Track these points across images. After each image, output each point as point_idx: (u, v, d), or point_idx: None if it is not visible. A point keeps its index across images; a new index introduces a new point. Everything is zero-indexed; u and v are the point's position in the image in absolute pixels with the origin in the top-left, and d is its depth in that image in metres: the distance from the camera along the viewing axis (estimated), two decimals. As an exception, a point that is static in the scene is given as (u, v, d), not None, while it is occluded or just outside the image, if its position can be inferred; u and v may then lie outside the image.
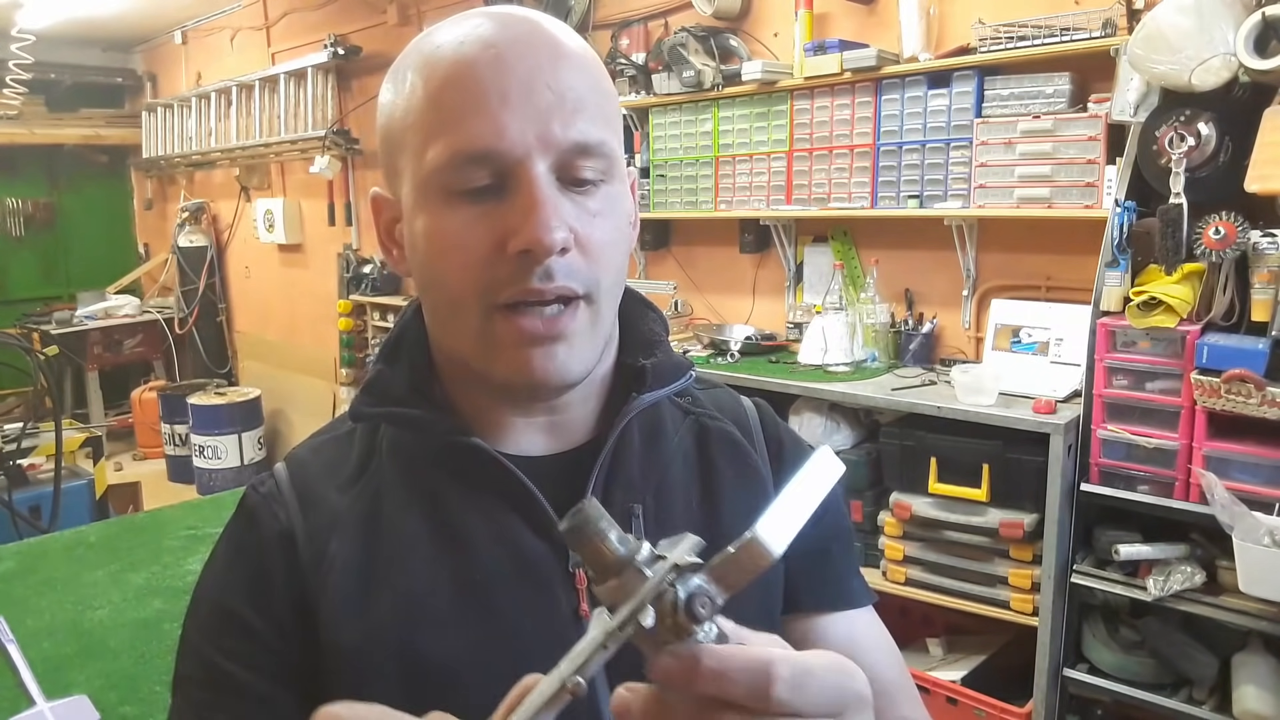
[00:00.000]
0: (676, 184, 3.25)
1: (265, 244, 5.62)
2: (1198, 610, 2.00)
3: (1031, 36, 2.40)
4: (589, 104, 0.62)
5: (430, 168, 0.61)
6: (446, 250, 0.62)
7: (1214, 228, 1.94)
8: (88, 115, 6.48)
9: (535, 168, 0.59)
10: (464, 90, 0.60)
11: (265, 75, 5.16)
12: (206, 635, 0.67)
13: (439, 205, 0.62)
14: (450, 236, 0.62)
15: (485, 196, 0.61)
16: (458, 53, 0.61)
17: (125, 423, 6.06)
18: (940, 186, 2.65)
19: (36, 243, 6.53)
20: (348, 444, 0.72)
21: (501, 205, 0.60)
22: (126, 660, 1.64)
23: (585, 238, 0.62)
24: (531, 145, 0.59)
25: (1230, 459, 1.96)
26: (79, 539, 2.23)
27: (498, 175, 0.60)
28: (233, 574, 0.69)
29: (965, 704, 2.32)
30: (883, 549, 2.52)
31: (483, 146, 0.59)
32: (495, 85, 0.59)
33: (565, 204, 0.61)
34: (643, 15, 3.43)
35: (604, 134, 0.63)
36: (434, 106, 0.61)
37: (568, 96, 0.61)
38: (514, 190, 0.60)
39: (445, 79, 0.61)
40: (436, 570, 0.65)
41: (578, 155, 0.61)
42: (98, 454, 3.62)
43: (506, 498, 0.67)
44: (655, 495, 0.70)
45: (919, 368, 2.74)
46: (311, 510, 0.68)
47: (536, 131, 0.59)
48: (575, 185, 0.62)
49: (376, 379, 0.71)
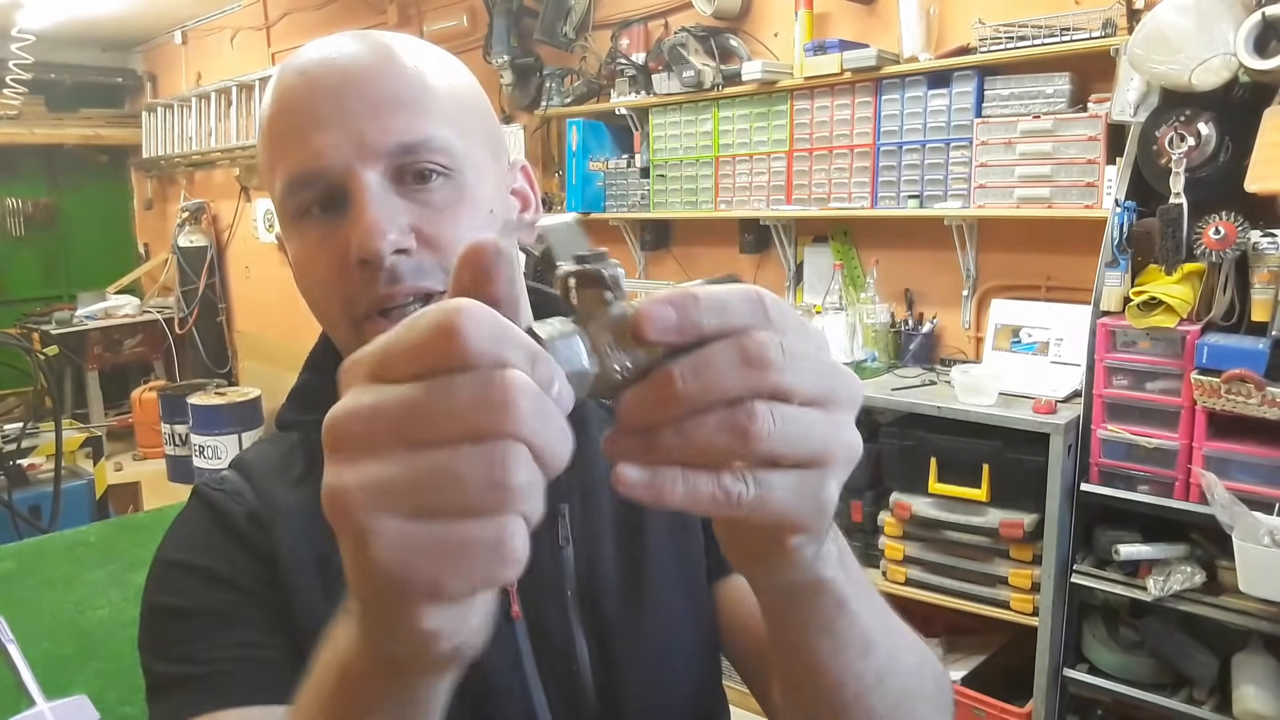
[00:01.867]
0: (676, 184, 3.25)
1: (265, 244, 5.62)
2: (1198, 610, 2.00)
3: (1031, 36, 2.40)
4: (408, 103, 0.62)
5: (279, 198, 0.64)
6: (306, 273, 0.65)
7: (1214, 228, 1.94)
8: (88, 115, 6.48)
9: (362, 178, 0.61)
10: (284, 119, 0.63)
11: (265, 75, 5.15)
12: (170, 590, 0.68)
13: (292, 230, 0.65)
14: (305, 258, 0.64)
15: (328, 215, 0.63)
16: (281, 81, 0.64)
17: (125, 423, 6.06)
18: (940, 186, 2.65)
19: (36, 243, 6.53)
20: (290, 453, 0.73)
21: (341, 221, 0.62)
22: (126, 660, 1.62)
23: (431, 234, 0.62)
24: (350, 157, 0.61)
25: (1230, 459, 1.96)
26: (79, 539, 2.22)
27: (329, 193, 0.62)
28: (199, 541, 0.69)
29: (965, 704, 2.32)
30: (883, 549, 2.52)
31: (306, 169, 0.61)
32: (307, 109, 0.62)
33: (402, 205, 0.62)
34: (643, 15, 3.43)
35: (434, 129, 0.63)
36: (268, 144, 0.65)
37: (382, 102, 0.62)
38: (347, 204, 0.61)
39: (272, 118, 0.64)
40: None
41: (404, 154, 0.62)
42: (98, 454, 3.62)
43: None
44: (581, 495, 0.71)
45: (919, 368, 2.74)
46: (268, 505, 0.70)
47: (352, 143, 0.61)
48: (417, 183, 0.63)
49: (300, 389, 0.74)
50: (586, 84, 3.50)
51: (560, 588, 0.69)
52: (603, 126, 3.55)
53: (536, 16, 3.57)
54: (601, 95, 3.50)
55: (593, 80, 3.51)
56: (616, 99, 3.37)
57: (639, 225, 3.54)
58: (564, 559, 0.70)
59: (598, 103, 3.48)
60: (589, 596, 0.70)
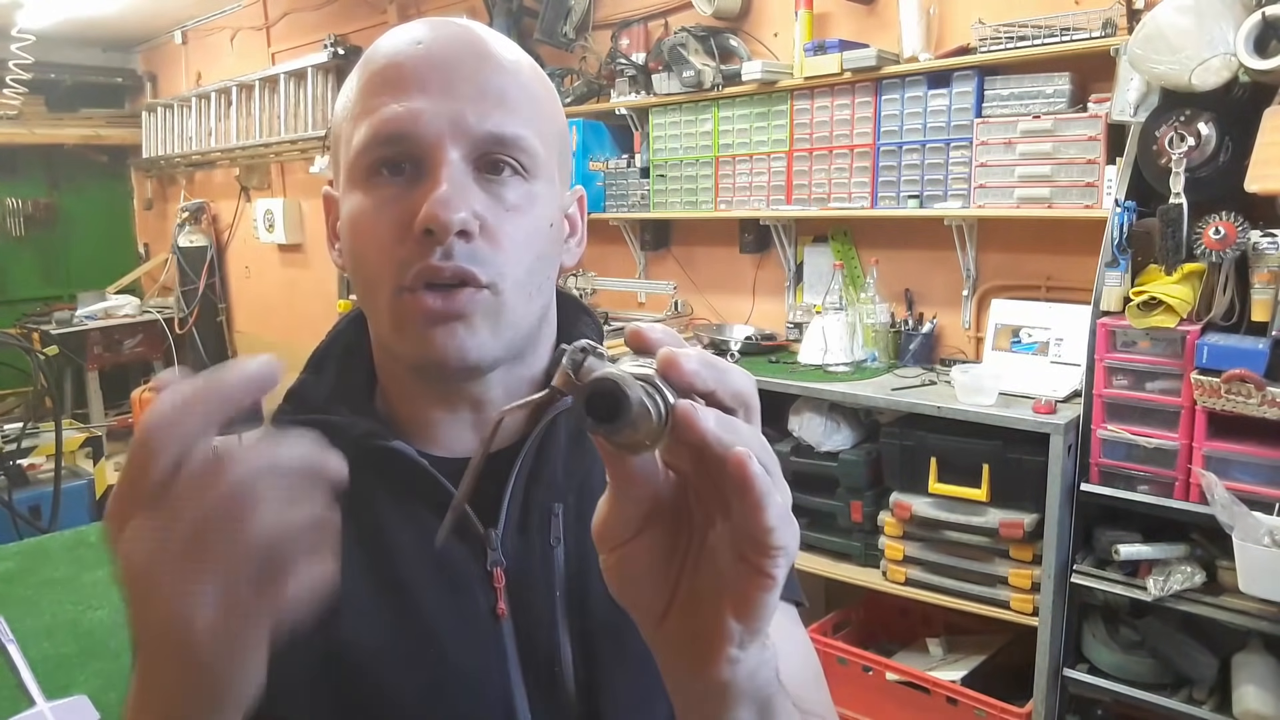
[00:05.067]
0: (676, 184, 3.25)
1: (265, 244, 5.62)
2: (1198, 610, 2.00)
3: (1031, 36, 2.40)
4: (510, 101, 0.64)
5: (354, 151, 0.64)
6: (363, 231, 0.65)
7: (1214, 228, 1.94)
8: (88, 115, 6.48)
9: (447, 152, 0.62)
10: (388, 80, 0.64)
11: (265, 75, 5.15)
12: None
13: (359, 187, 0.65)
14: (366, 217, 0.64)
15: (400, 180, 0.63)
16: (390, 49, 0.66)
17: (125, 423, 6.05)
18: (940, 186, 2.65)
19: (36, 243, 6.52)
20: None
21: (413, 188, 0.63)
22: (126, 660, 1.62)
23: (493, 228, 0.63)
24: (444, 131, 0.62)
25: (1230, 459, 1.96)
26: (79, 539, 2.22)
27: (412, 159, 0.63)
28: None
29: (965, 704, 2.32)
30: (883, 549, 2.52)
31: (397, 129, 0.62)
32: (416, 76, 0.63)
33: (476, 191, 0.63)
34: (643, 15, 3.43)
35: (523, 130, 0.64)
36: (362, 96, 0.65)
37: (488, 91, 0.64)
38: (425, 174, 0.62)
39: (375, 72, 0.65)
40: (359, 569, 0.66)
41: (492, 145, 0.63)
42: (98, 454, 3.62)
43: (427, 499, 0.68)
44: (578, 494, 0.71)
45: (919, 368, 2.74)
46: None
47: (451, 118, 0.62)
48: (491, 175, 0.64)
49: (297, 388, 0.74)
50: (586, 84, 3.50)
51: (550, 587, 0.69)
52: (603, 126, 3.55)
53: (536, 16, 3.57)
54: (601, 95, 3.50)
55: (593, 80, 3.51)
56: (616, 99, 3.37)
57: (639, 225, 3.54)
58: (554, 558, 0.70)
59: (598, 103, 3.48)
60: (577, 597, 0.69)
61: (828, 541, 2.67)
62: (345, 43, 4.65)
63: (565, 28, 3.51)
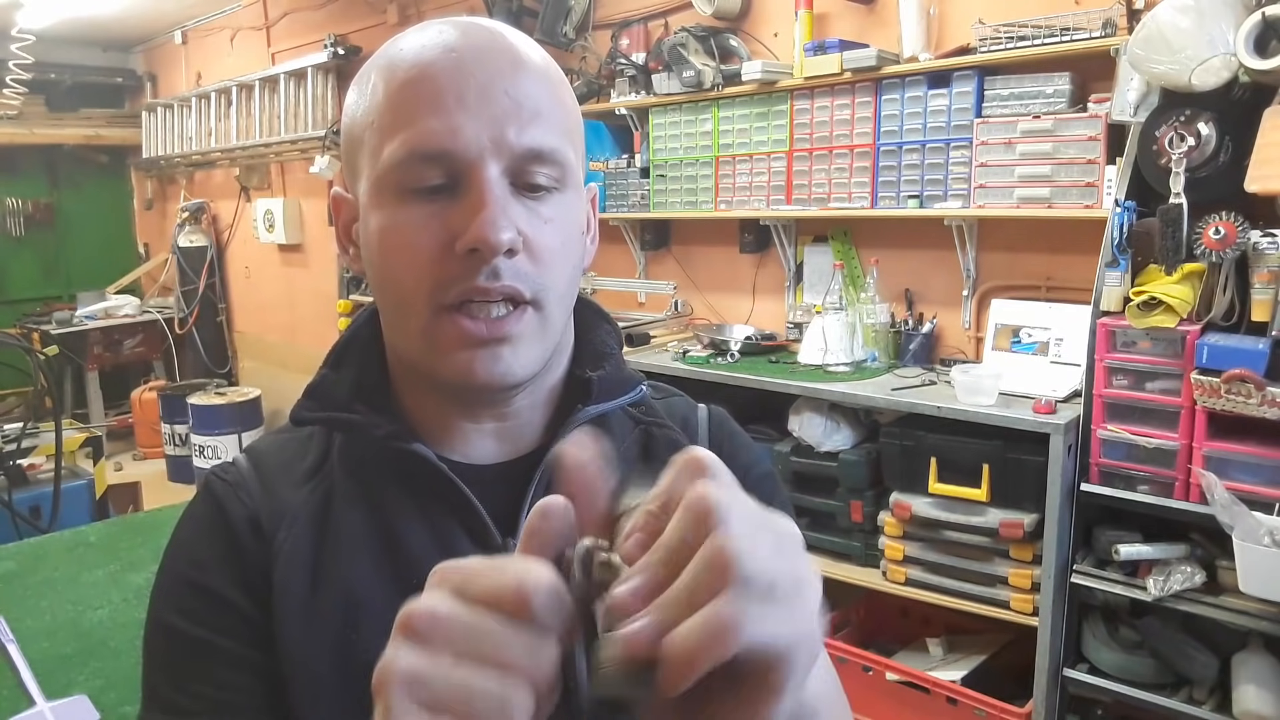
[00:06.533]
0: (676, 184, 3.25)
1: (265, 244, 5.62)
2: (1198, 610, 2.00)
3: (1031, 36, 2.40)
4: (545, 113, 0.63)
5: (386, 165, 0.62)
6: (397, 248, 0.63)
7: (1214, 228, 1.94)
8: (88, 115, 6.48)
9: (488, 170, 0.61)
10: (422, 91, 0.61)
11: (265, 75, 5.16)
12: (179, 610, 0.67)
13: (392, 203, 0.63)
14: (402, 234, 0.63)
15: (438, 196, 0.62)
16: (419, 56, 0.62)
17: (125, 423, 6.06)
18: (940, 186, 2.65)
19: (36, 243, 6.53)
20: (306, 443, 0.72)
21: (453, 205, 0.61)
22: (126, 660, 1.63)
23: (535, 242, 0.63)
24: (485, 147, 0.61)
25: (1230, 459, 1.96)
26: (79, 539, 2.22)
27: (451, 175, 0.61)
28: (204, 552, 0.69)
29: (965, 704, 2.32)
30: (883, 549, 2.52)
31: (437, 145, 0.60)
32: (453, 87, 0.61)
33: (516, 207, 0.62)
34: (643, 15, 3.43)
35: (559, 143, 0.64)
36: (393, 106, 0.62)
37: (525, 104, 0.62)
38: (466, 191, 0.61)
39: (405, 80, 0.62)
40: (377, 573, 0.66)
41: (531, 161, 0.62)
42: (98, 454, 3.61)
43: (446, 504, 0.67)
44: None
45: (919, 368, 2.74)
46: (271, 500, 0.69)
47: (491, 134, 0.61)
48: (528, 190, 0.63)
49: (319, 384, 0.72)
50: (586, 84, 3.50)
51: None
52: (603, 126, 3.55)
53: (536, 16, 3.57)
54: (601, 95, 3.50)
55: (593, 80, 3.51)
56: (616, 99, 3.37)
57: (639, 225, 3.54)
58: None
59: (598, 103, 3.48)
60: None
61: (828, 541, 2.67)
62: (345, 43, 4.65)
63: (565, 27, 3.51)
